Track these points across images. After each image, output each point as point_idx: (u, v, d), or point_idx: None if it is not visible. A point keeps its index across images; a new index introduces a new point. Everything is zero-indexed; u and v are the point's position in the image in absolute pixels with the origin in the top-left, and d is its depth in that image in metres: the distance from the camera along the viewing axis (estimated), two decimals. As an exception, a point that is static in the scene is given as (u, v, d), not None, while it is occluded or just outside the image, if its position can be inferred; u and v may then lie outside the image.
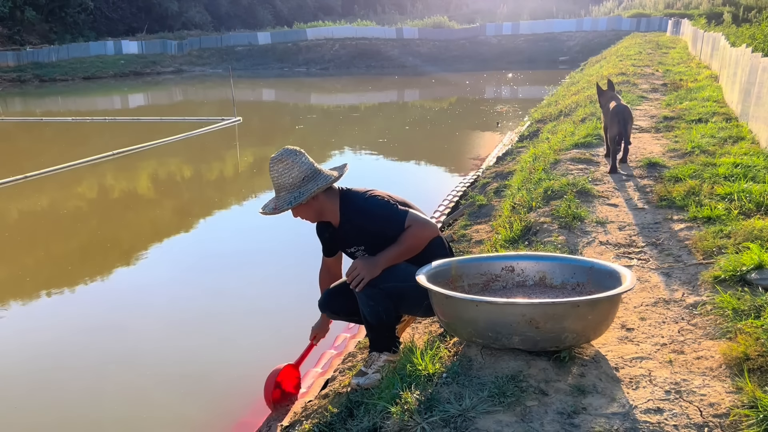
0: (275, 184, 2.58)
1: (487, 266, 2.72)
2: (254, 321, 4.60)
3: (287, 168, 2.54)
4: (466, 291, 2.59)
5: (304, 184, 2.55)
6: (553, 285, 2.62)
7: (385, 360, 2.66)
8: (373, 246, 2.63)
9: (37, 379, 3.86)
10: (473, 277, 2.68)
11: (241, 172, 10.50)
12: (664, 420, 1.88)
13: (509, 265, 2.69)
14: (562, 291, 2.58)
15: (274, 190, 2.60)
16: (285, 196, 2.56)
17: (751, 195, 3.86)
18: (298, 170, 2.55)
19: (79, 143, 13.01)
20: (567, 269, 2.62)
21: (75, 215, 7.89)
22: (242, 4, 46.65)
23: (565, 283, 2.60)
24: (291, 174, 2.54)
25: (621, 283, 2.30)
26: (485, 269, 2.70)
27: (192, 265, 5.88)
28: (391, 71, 30.66)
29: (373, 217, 2.61)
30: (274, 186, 2.59)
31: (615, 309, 2.33)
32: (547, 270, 2.65)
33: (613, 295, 2.23)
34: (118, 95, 25.17)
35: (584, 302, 2.22)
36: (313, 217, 2.70)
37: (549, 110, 10.22)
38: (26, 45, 34.09)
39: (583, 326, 2.21)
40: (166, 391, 3.71)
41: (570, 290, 2.57)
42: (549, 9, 39.01)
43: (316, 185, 2.55)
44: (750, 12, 27.94)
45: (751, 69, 6.36)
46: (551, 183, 4.68)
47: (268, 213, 2.58)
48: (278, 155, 2.57)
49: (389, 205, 2.62)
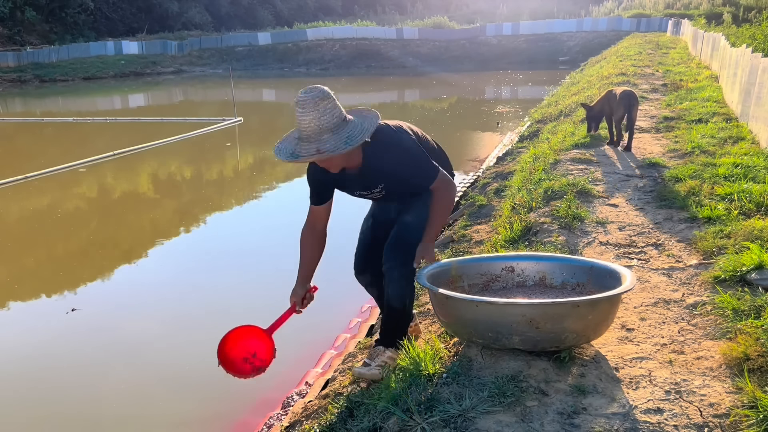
0: (315, 126, 2.17)
1: (487, 266, 2.72)
2: (254, 321, 4.59)
3: (331, 107, 2.20)
4: (466, 291, 2.58)
5: (351, 126, 2.23)
6: (553, 285, 2.62)
7: (389, 357, 2.60)
8: (389, 188, 2.48)
9: (37, 378, 3.86)
10: (473, 277, 2.67)
11: (241, 172, 10.50)
12: (664, 420, 1.88)
13: (509, 266, 2.69)
14: (563, 291, 2.58)
15: (309, 132, 2.18)
16: (331, 139, 2.18)
17: (751, 195, 3.86)
18: (341, 110, 2.25)
19: (79, 143, 13.01)
20: (567, 269, 2.62)
21: (75, 215, 7.89)
22: (242, 5, 46.64)
23: (566, 283, 2.60)
24: (335, 114, 2.20)
25: (621, 282, 2.31)
26: (485, 269, 2.70)
27: (192, 264, 5.88)
28: (391, 71, 30.65)
29: (406, 163, 2.36)
30: (308, 128, 2.18)
31: (615, 309, 2.33)
32: (548, 270, 2.65)
33: (612, 295, 2.23)
34: (119, 95, 25.16)
35: (584, 302, 2.23)
36: (342, 164, 2.35)
37: (549, 110, 10.22)
38: (26, 45, 34.07)
39: (583, 326, 2.21)
40: (165, 391, 3.71)
41: (570, 290, 2.57)
42: (549, 9, 38.99)
43: (371, 124, 2.25)
44: (750, 12, 27.93)
45: (751, 69, 6.36)
46: (551, 183, 4.68)
47: (306, 157, 2.20)
48: (319, 93, 2.18)
49: (422, 153, 2.40)
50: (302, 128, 2.20)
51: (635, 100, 5.72)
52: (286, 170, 10.55)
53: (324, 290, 2.83)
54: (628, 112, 5.70)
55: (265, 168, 10.77)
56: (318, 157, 2.20)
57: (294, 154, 2.22)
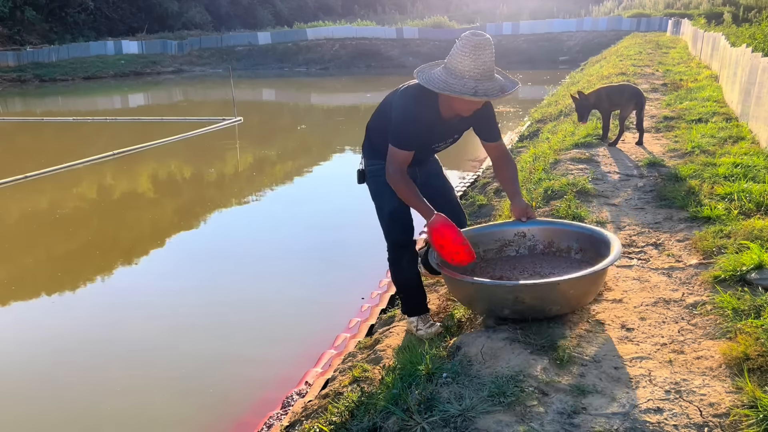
0: (486, 67, 2.40)
1: (500, 233, 2.97)
2: (254, 320, 4.60)
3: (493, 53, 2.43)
4: (481, 257, 2.84)
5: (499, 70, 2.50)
6: (560, 248, 2.89)
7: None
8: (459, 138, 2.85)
9: (37, 378, 3.86)
10: (488, 243, 2.94)
11: (241, 172, 10.50)
12: (664, 420, 1.88)
13: (521, 231, 2.94)
14: (567, 255, 2.86)
15: (486, 72, 2.41)
16: (502, 80, 2.48)
17: (751, 195, 3.86)
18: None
19: (79, 143, 13.01)
20: (572, 235, 2.89)
21: (75, 215, 7.89)
22: (242, 4, 46.62)
23: (570, 247, 2.87)
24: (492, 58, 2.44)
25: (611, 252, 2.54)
26: (499, 236, 2.97)
27: (192, 264, 5.88)
28: (391, 71, 30.62)
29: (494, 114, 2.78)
30: (484, 68, 2.40)
31: (598, 282, 2.57)
32: (554, 236, 2.91)
33: (590, 273, 2.43)
34: (119, 95, 25.15)
35: (564, 281, 2.42)
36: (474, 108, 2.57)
37: (549, 110, 10.21)
38: (26, 45, 34.04)
39: (565, 300, 2.48)
40: (165, 391, 3.71)
41: (573, 254, 2.85)
42: (549, 9, 38.98)
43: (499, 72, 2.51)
44: (750, 12, 27.92)
45: (751, 69, 6.36)
46: (551, 183, 4.68)
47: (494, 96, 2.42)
48: (486, 39, 2.41)
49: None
50: (478, 68, 2.38)
51: (644, 99, 5.96)
52: (286, 170, 10.57)
53: (324, 290, 2.83)
54: (638, 110, 5.92)
55: (265, 168, 10.77)
56: (497, 96, 2.41)
57: (477, 92, 2.38)
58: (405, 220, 2.86)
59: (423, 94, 2.55)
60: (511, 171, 2.86)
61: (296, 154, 11.87)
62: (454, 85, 2.39)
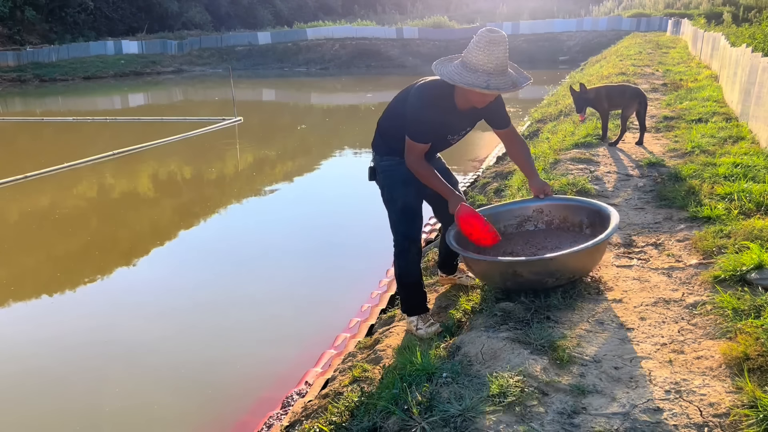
0: (500, 62, 2.54)
1: (520, 210, 3.26)
2: (255, 320, 4.59)
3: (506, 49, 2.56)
4: (501, 232, 3.01)
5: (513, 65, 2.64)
6: (573, 223, 3.15)
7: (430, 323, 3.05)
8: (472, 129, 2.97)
9: (37, 378, 3.86)
10: (509, 219, 3.23)
11: (241, 172, 10.50)
12: (664, 420, 1.88)
13: (539, 207, 3.22)
14: (579, 229, 3.11)
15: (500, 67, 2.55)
16: (514, 75, 2.61)
17: (751, 195, 3.86)
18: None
19: (79, 143, 13.01)
20: (584, 210, 3.14)
21: (75, 215, 7.89)
22: (242, 4, 46.62)
23: (582, 222, 3.13)
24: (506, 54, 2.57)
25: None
26: (519, 213, 3.26)
27: (192, 264, 5.88)
28: (391, 71, 30.64)
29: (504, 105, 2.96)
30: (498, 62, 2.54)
31: (594, 257, 2.79)
32: (569, 212, 3.18)
33: (581, 249, 2.63)
34: (119, 95, 25.15)
35: (557, 257, 2.65)
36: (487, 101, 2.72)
37: (549, 110, 10.21)
38: (26, 45, 34.05)
39: (559, 274, 2.71)
40: (165, 391, 3.71)
41: (585, 228, 3.09)
42: (549, 9, 38.97)
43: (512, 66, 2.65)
44: (750, 12, 27.93)
45: (751, 69, 6.35)
46: (551, 183, 4.67)
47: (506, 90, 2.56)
48: (500, 35, 2.54)
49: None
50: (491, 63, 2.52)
51: (646, 98, 6.03)
52: (286, 170, 10.56)
53: (324, 290, 2.84)
54: (640, 110, 5.96)
55: (265, 168, 10.77)
56: (509, 90, 2.56)
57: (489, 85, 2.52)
58: (415, 216, 3.00)
59: (439, 88, 2.71)
60: (525, 150, 3.09)
61: (296, 154, 11.87)
62: (468, 77, 2.54)
